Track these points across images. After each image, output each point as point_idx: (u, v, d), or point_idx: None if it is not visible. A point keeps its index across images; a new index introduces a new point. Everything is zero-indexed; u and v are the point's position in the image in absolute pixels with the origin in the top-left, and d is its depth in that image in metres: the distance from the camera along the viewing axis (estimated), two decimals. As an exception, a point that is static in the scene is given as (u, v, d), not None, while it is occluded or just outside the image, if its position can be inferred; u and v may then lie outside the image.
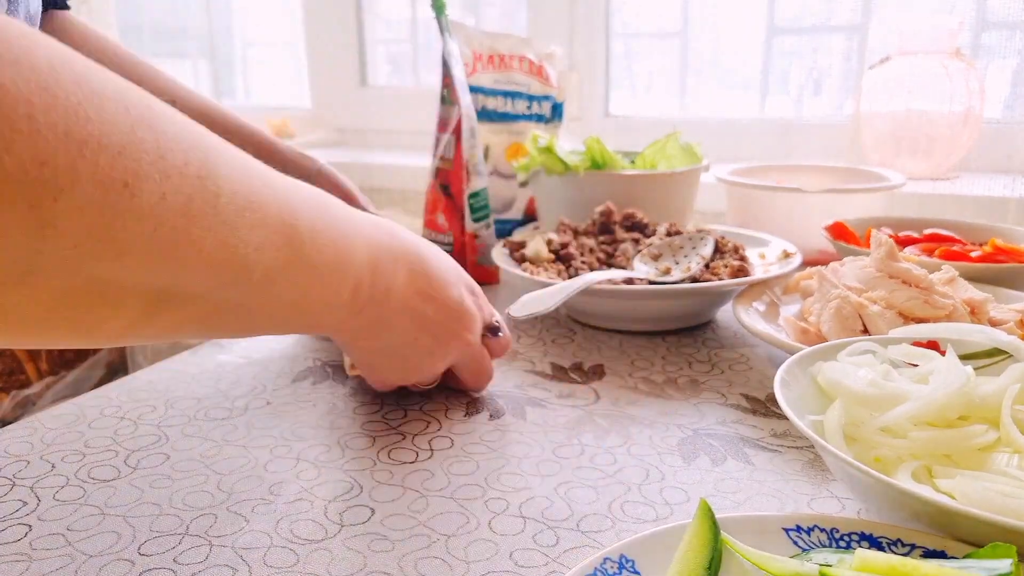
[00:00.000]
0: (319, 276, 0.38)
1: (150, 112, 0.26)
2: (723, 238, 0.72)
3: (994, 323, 0.53)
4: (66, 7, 0.67)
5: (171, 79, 0.69)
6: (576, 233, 0.76)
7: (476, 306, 0.50)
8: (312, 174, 0.70)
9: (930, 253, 0.69)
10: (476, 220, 0.79)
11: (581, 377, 0.57)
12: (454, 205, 0.79)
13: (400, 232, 0.46)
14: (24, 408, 0.69)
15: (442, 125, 0.81)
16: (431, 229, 0.83)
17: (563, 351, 0.62)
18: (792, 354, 0.43)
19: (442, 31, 0.79)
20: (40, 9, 0.52)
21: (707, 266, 0.67)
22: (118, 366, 0.84)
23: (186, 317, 0.32)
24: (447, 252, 0.79)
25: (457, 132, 0.78)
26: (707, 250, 0.69)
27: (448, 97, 0.80)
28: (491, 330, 0.52)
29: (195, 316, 0.32)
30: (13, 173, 0.22)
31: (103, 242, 0.25)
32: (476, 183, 0.79)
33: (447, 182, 0.80)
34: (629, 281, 0.64)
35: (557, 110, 0.98)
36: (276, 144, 0.71)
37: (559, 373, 0.58)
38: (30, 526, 0.39)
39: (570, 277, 0.67)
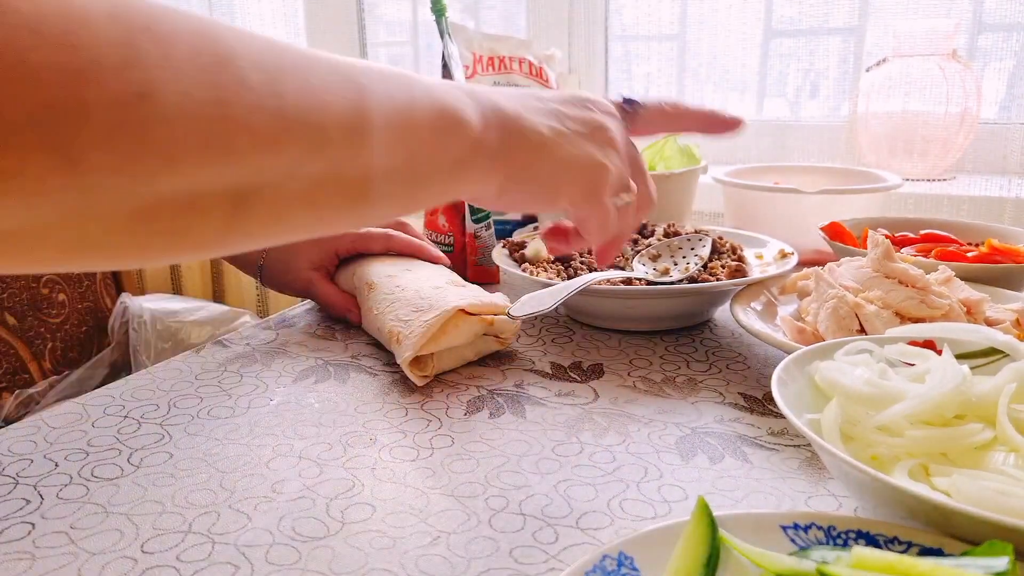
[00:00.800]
0: (414, 110, 0.33)
1: (142, 15, 0.24)
2: (721, 238, 0.73)
3: (990, 323, 0.54)
4: None
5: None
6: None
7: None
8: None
9: (926, 253, 0.70)
10: (476, 221, 0.80)
11: (580, 376, 0.57)
12: (454, 206, 0.80)
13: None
14: (27, 407, 0.69)
15: (442, 126, 0.81)
16: (431, 230, 0.83)
17: (562, 350, 0.62)
18: (789, 353, 0.43)
19: (442, 33, 0.79)
20: None
21: (705, 266, 0.68)
22: (121, 365, 0.84)
23: (285, 205, 0.29)
24: (447, 253, 0.80)
25: (457, 133, 0.78)
26: (705, 250, 0.70)
27: (448, 98, 0.80)
28: (628, 103, 0.47)
29: (294, 201, 0.29)
30: (22, 122, 0.21)
31: (145, 157, 0.24)
32: (475, 184, 0.79)
33: (447, 183, 0.80)
34: (628, 281, 0.64)
35: (556, 111, 0.98)
36: None
37: (558, 372, 0.58)
38: (33, 524, 0.39)
39: (569, 277, 0.67)
